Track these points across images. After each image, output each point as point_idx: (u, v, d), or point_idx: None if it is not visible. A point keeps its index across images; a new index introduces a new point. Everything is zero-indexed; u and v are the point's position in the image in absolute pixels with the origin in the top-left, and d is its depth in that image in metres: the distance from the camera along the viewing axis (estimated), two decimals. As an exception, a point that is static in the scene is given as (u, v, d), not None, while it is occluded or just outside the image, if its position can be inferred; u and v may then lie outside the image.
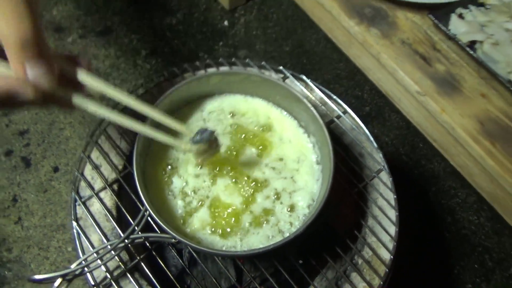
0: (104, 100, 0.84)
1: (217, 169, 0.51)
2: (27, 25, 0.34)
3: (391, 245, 0.54)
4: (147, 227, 0.50)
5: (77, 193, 0.54)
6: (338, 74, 1.07)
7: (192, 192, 0.50)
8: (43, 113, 0.95)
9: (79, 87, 0.39)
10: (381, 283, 0.52)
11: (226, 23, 1.15)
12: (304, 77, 0.69)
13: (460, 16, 0.74)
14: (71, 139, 0.94)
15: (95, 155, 0.57)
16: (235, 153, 0.53)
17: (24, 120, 0.94)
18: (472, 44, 0.71)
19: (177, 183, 0.51)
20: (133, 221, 0.50)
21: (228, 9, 1.16)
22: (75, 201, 0.53)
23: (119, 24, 1.11)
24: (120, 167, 0.56)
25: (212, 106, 0.57)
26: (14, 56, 0.34)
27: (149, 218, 0.49)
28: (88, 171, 0.56)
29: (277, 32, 1.13)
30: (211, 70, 0.66)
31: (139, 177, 0.46)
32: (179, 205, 0.50)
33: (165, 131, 0.46)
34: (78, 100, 0.38)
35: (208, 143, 0.47)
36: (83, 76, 0.39)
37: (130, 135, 0.58)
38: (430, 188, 0.93)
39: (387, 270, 0.53)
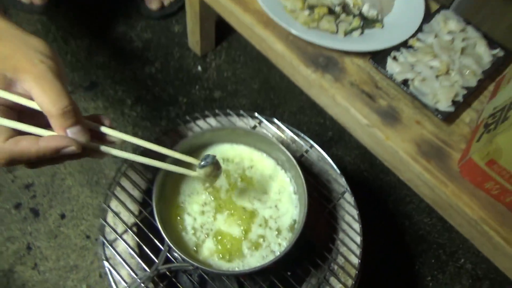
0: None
1: (218, 206, 0.65)
2: (64, 99, 0.44)
3: (358, 251, 0.69)
4: (166, 259, 0.62)
5: (104, 237, 0.65)
6: (302, 105, 1.23)
7: (200, 227, 0.63)
8: (45, 167, 1.05)
9: (103, 138, 0.49)
10: (353, 282, 0.66)
11: (199, 68, 1.28)
12: (275, 120, 0.83)
13: (394, 58, 0.91)
14: (73, 187, 1.04)
15: (114, 204, 0.69)
16: (230, 191, 0.67)
17: (28, 174, 1.04)
18: (405, 81, 0.87)
19: (187, 221, 0.64)
20: (153, 255, 0.62)
21: (200, 55, 1.30)
22: (103, 244, 0.65)
23: (103, 77, 1.23)
24: (136, 212, 0.68)
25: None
26: (58, 124, 0.44)
27: (167, 253, 0.61)
28: (110, 218, 0.67)
29: (245, 73, 1.28)
30: (204, 125, 0.79)
31: (159, 219, 0.58)
32: (191, 238, 0.62)
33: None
34: (104, 148, 0.48)
35: (212, 166, 0.56)
36: (107, 130, 0.49)
37: (140, 185, 0.71)
38: (389, 198, 1.09)
39: (357, 272, 0.67)
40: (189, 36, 1.28)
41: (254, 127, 0.80)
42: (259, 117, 0.81)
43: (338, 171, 0.76)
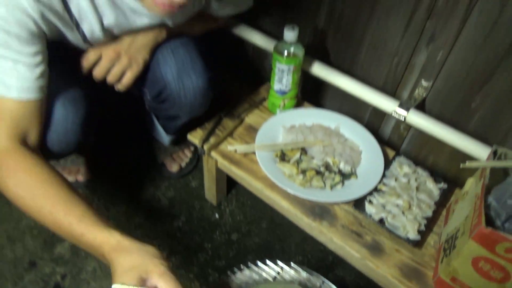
0: None
1: None
2: (179, 286, 0.66)
3: None
4: None
5: None
6: (304, 236, 1.48)
7: None
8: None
9: None
10: None
11: (216, 215, 1.55)
12: (292, 264, 1.08)
13: (370, 201, 1.20)
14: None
15: None
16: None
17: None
18: (381, 219, 1.15)
19: None
20: None
21: (215, 204, 1.58)
22: None
23: (141, 236, 1.47)
24: None
25: (249, 303, 0.94)
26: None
27: None
28: None
29: (254, 215, 1.55)
30: (241, 276, 1.03)
31: None
32: None
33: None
34: None
35: None
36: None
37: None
38: (388, 308, 1.30)
39: None
40: (206, 191, 1.57)
41: (278, 273, 1.05)
42: (280, 263, 1.06)
43: (346, 299, 1.00)
